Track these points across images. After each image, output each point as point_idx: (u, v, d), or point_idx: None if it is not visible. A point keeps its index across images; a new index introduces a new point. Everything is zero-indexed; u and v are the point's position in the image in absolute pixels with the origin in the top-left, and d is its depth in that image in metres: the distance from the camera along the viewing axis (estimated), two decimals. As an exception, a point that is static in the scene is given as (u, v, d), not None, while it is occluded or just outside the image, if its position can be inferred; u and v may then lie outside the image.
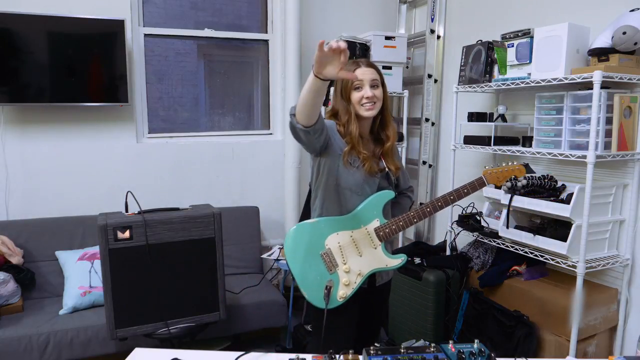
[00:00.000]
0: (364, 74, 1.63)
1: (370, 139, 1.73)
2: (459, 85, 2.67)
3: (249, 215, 3.14)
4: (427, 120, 3.31)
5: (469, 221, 2.60)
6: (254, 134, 3.41)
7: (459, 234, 2.69)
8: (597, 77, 1.88)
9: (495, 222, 2.48)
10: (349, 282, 1.61)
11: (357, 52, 2.99)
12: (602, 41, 1.99)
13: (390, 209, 1.75)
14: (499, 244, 2.40)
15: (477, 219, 2.58)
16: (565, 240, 2.04)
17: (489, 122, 2.59)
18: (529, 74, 2.22)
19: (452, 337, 2.54)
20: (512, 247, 2.32)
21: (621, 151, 2.01)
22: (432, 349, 1.08)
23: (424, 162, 3.34)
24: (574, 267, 2.02)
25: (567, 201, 2.06)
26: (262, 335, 2.73)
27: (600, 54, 2.00)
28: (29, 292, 2.56)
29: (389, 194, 1.67)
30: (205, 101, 3.33)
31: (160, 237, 2.10)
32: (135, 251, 2.06)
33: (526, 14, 2.58)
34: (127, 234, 2.04)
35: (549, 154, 2.16)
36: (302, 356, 1.14)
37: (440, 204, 1.64)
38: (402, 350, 1.07)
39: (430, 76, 3.26)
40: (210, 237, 2.20)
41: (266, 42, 3.37)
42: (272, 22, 3.34)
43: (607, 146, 1.99)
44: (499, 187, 1.60)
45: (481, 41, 2.55)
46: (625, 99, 1.98)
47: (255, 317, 2.61)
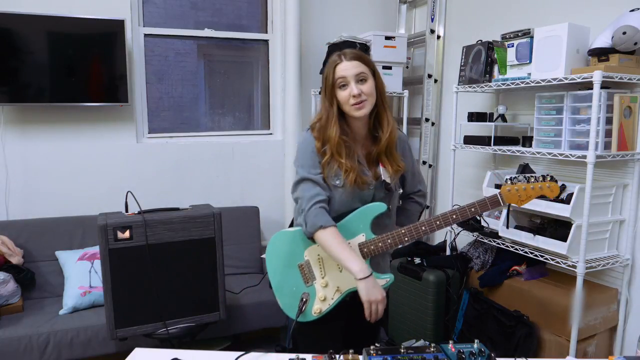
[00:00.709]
0: (347, 69, 1.43)
1: (368, 139, 1.55)
2: (459, 85, 2.67)
3: (249, 215, 3.14)
4: (427, 120, 3.31)
5: (469, 221, 2.60)
6: (254, 134, 3.41)
7: (459, 234, 2.69)
8: (597, 77, 1.88)
9: (495, 222, 2.48)
10: (325, 298, 1.49)
11: (357, 52, 2.99)
12: (602, 41, 1.99)
13: (386, 223, 1.57)
14: (499, 244, 2.40)
15: (477, 219, 2.58)
16: (565, 240, 2.04)
17: (489, 122, 2.59)
18: (529, 74, 2.22)
19: (452, 337, 2.54)
20: (512, 247, 2.32)
21: (621, 151, 2.01)
22: (432, 349, 1.08)
23: (424, 162, 3.34)
24: (574, 267, 2.02)
25: (567, 201, 2.06)
26: (262, 335, 2.73)
27: (600, 54, 2.00)
28: (29, 292, 2.56)
29: (378, 207, 1.49)
30: (205, 101, 3.33)
31: (160, 237, 2.10)
32: (135, 251, 2.06)
33: (526, 14, 2.58)
34: (127, 234, 2.04)
35: (549, 154, 2.16)
36: (302, 356, 1.14)
37: (438, 222, 1.45)
38: (402, 350, 1.07)
39: (430, 76, 3.26)
40: (210, 237, 2.20)
41: (266, 42, 3.37)
42: (272, 22, 3.34)
43: (607, 146, 1.99)
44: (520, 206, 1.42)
45: (481, 41, 2.55)
46: (625, 99, 1.98)
47: (255, 317, 2.61)
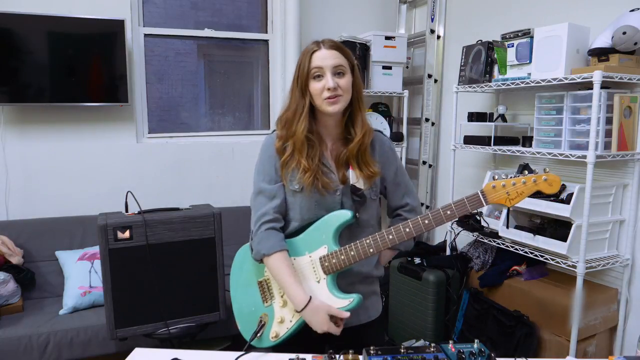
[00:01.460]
0: (324, 58, 1.27)
1: (340, 140, 1.38)
2: (459, 85, 2.67)
3: (249, 215, 3.12)
4: (427, 120, 3.31)
5: (469, 221, 2.60)
6: (254, 134, 3.41)
7: (459, 234, 2.69)
8: (597, 77, 1.88)
9: (495, 222, 2.48)
10: (282, 320, 1.31)
11: (357, 53, 2.99)
12: (602, 41, 1.99)
13: (357, 235, 1.32)
14: (499, 244, 2.40)
15: (477, 219, 2.58)
16: (565, 240, 2.04)
17: (489, 122, 2.59)
18: (529, 74, 2.22)
19: (452, 337, 2.54)
20: (512, 247, 2.32)
21: (621, 151, 2.01)
22: (432, 349, 1.08)
23: (424, 162, 3.34)
24: (574, 267, 2.02)
25: (567, 201, 2.06)
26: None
27: (600, 54, 2.00)
28: (29, 292, 2.55)
29: (342, 216, 1.29)
30: (205, 101, 3.33)
31: (160, 237, 2.10)
32: (135, 251, 2.06)
33: (526, 14, 2.58)
34: (127, 234, 2.04)
35: (549, 154, 2.16)
36: (302, 356, 1.14)
37: (408, 230, 1.23)
38: (402, 350, 1.07)
39: (430, 76, 3.26)
40: (210, 237, 2.20)
41: (266, 42, 3.37)
42: (272, 22, 3.34)
43: (607, 146, 1.99)
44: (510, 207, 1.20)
45: (481, 41, 2.55)
46: (625, 99, 1.98)
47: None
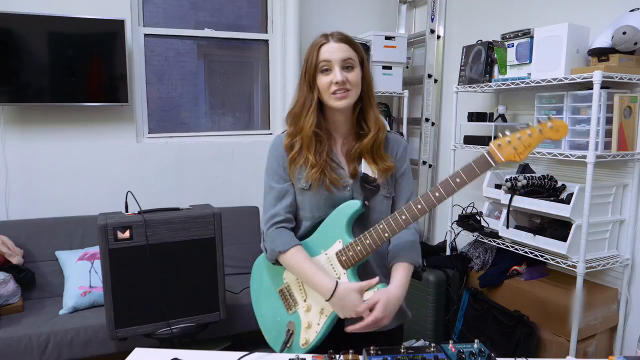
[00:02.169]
0: (333, 51, 1.24)
1: (351, 136, 1.34)
2: (459, 85, 2.67)
3: (249, 215, 3.14)
4: (427, 120, 3.31)
5: (469, 221, 2.60)
6: (254, 134, 3.41)
7: (459, 234, 2.69)
8: (597, 77, 1.88)
9: (495, 222, 2.48)
10: (310, 325, 1.28)
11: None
12: (602, 41, 1.99)
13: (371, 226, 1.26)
14: (499, 244, 2.40)
15: (477, 219, 2.58)
16: (565, 240, 2.04)
17: (489, 122, 2.59)
18: (529, 74, 2.22)
19: (452, 337, 2.54)
20: (512, 247, 2.32)
21: (621, 151, 2.01)
22: (432, 349, 1.08)
23: (424, 162, 3.34)
24: (574, 267, 2.02)
25: (567, 201, 2.06)
26: (262, 335, 2.72)
27: (600, 54, 2.00)
28: (29, 292, 2.55)
29: (351, 206, 1.26)
30: (205, 101, 3.33)
31: (160, 237, 2.10)
32: (135, 251, 2.06)
33: (526, 14, 2.58)
34: (127, 234, 2.04)
35: (549, 154, 2.15)
36: (302, 356, 1.14)
37: (420, 206, 1.18)
38: (402, 350, 1.07)
39: (430, 76, 3.26)
40: (210, 237, 2.20)
41: (266, 42, 3.36)
42: (272, 22, 3.34)
43: (607, 146, 1.99)
44: (519, 160, 1.14)
45: (481, 41, 2.55)
46: (625, 99, 1.98)
47: (255, 317, 2.60)
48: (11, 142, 2.73)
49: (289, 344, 1.30)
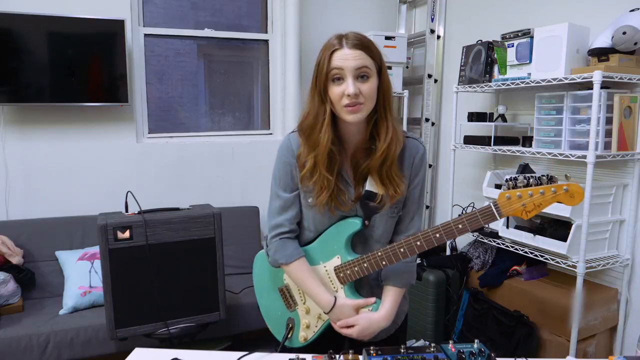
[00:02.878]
0: (346, 59, 1.11)
1: (361, 150, 1.24)
2: (459, 85, 2.67)
3: (249, 215, 3.14)
4: (427, 120, 3.31)
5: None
6: (254, 134, 3.41)
7: (459, 234, 2.68)
8: (597, 77, 1.88)
9: (495, 222, 2.47)
10: (308, 325, 1.34)
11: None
12: (602, 41, 1.99)
13: (371, 244, 1.29)
14: (499, 244, 2.40)
15: (477, 219, 2.58)
16: (565, 240, 2.04)
17: (489, 122, 2.59)
18: (529, 74, 2.22)
19: (452, 337, 2.55)
20: (512, 247, 2.32)
21: (621, 151, 2.01)
22: (432, 349, 1.08)
23: (424, 162, 3.34)
24: (574, 267, 2.02)
25: (567, 201, 2.06)
26: (262, 335, 2.71)
27: (600, 54, 2.00)
28: (29, 292, 2.55)
29: (351, 225, 1.25)
30: (205, 101, 3.33)
31: (160, 237, 2.10)
32: (135, 251, 2.06)
33: (526, 14, 2.58)
34: (127, 234, 2.04)
35: (549, 154, 2.16)
36: (302, 356, 1.14)
37: (419, 243, 1.17)
38: (402, 350, 1.07)
39: (430, 76, 3.26)
40: (210, 237, 2.20)
41: (266, 42, 3.36)
42: (272, 22, 3.34)
43: (607, 146, 1.99)
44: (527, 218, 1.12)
45: (481, 41, 2.55)
46: (625, 99, 1.98)
47: (255, 317, 2.59)
48: (11, 142, 2.73)
49: (290, 336, 1.37)
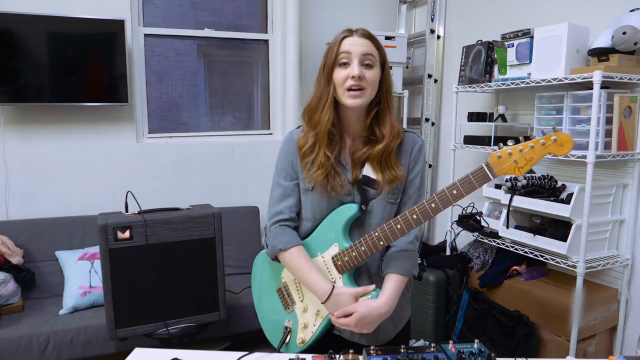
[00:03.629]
0: (354, 44, 1.19)
1: (360, 139, 1.28)
2: (459, 85, 2.67)
3: (249, 215, 3.14)
4: (427, 120, 3.31)
5: (469, 221, 2.60)
6: (254, 134, 3.41)
7: (459, 234, 2.69)
8: (597, 77, 1.88)
9: (495, 222, 2.48)
10: (306, 325, 1.30)
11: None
12: (602, 41, 1.99)
13: (368, 230, 1.25)
14: (499, 244, 2.40)
15: (477, 219, 2.58)
16: (565, 240, 2.04)
17: (489, 122, 2.59)
18: (529, 74, 2.22)
19: (452, 337, 2.54)
20: (512, 247, 2.32)
21: (621, 151, 2.01)
22: (432, 349, 1.08)
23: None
24: (574, 267, 2.02)
25: (567, 201, 2.06)
26: (262, 335, 2.72)
27: (600, 54, 2.00)
28: (29, 292, 2.55)
29: (348, 210, 1.25)
30: (205, 101, 3.33)
31: (160, 237, 2.10)
32: (135, 251, 2.06)
33: (526, 14, 2.58)
34: (127, 234, 2.04)
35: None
36: (302, 356, 1.14)
37: (415, 217, 1.15)
38: (402, 350, 1.07)
39: (430, 76, 3.26)
40: (210, 237, 2.20)
41: (266, 42, 3.36)
42: (272, 22, 3.34)
43: (607, 146, 1.99)
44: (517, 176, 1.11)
45: (481, 41, 2.55)
46: (625, 99, 1.98)
47: (255, 317, 2.59)
48: (11, 142, 2.73)
49: (287, 342, 1.33)
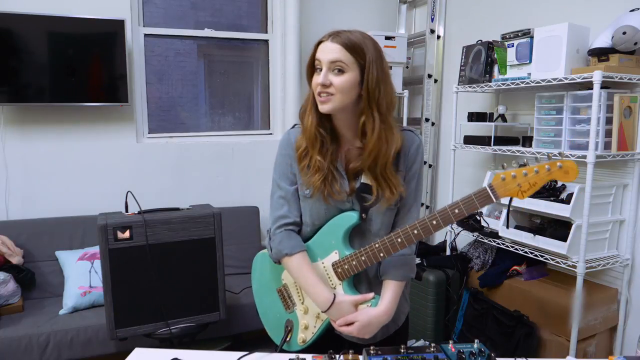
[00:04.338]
0: (324, 51, 1.16)
1: (356, 150, 1.25)
2: (459, 85, 2.67)
3: (249, 215, 3.14)
4: (427, 120, 3.31)
5: (469, 221, 2.60)
6: (254, 134, 3.41)
7: (459, 234, 2.69)
8: (597, 77, 1.88)
9: (495, 222, 2.48)
10: (307, 326, 1.32)
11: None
12: (602, 41, 1.99)
13: (368, 237, 1.27)
14: (499, 244, 2.40)
15: (477, 219, 2.58)
16: (565, 240, 2.04)
17: (489, 122, 2.59)
18: (529, 74, 2.22)
19: (452, 337, 2.54)
20: (512, 247, 2.32)
21: (621, 151, 2.01)
22: (432, 349, 1.08)
23: (424, 162, 3.34)
24: (574, 267, 2.02)
25: (567, 201, 2.06)
26: (262, 335, 2.72)
27: (600, 54, 2.00)
28: (29, 292, 2.55)
29: (348, 218, 1.24)
30: (205, 101, 3.33)
31: (160, 237, 2.10)
32: (135, 251, 2.06)
33: (526, 14, 2.58)
34: (127, 234, 2.04)
35: (550, 153, 2.15)
36: (302, 356, 1.14)
37: (416, 232, 1.16)
38: (402, 350, 1.07)
39: (430, 76, 3.26)
40: (210, 237, 2.20)
41: (266, 42, 3.36)
42: (272, 22, 3.34)
43: (607, 146, 1.99)
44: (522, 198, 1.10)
45: (481, 41, 2.55)
46: (625, 99, 1.98)
47: (255, 317, 2.56)
48: (11, 142, 2.73)
49: (288, 339, 1.35)
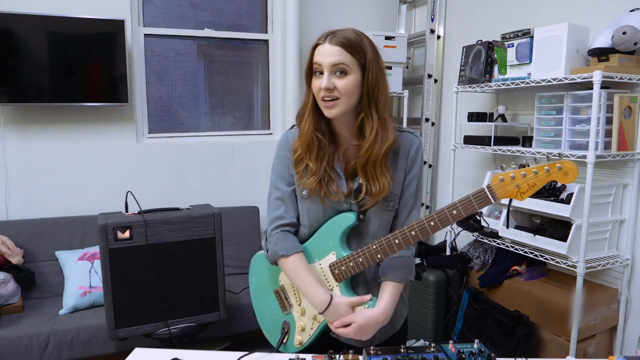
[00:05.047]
0: (324, 54, 1.14)
1: (354, 148, 1.25)
2: (459, 85, 2.67)
3: (249, 215, 3.14)
4: (427, 120, 3.31)
5: (469, 221, 2.60)
6: (254, 134, 3.41)
7: (459, 234, 2.69)
8: (597, 77, 1.88)
9: (495, 222, 2.48)
10: (304, 328, 1.31)
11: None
12: (602, 41, 1.99)
13: (365, 239, 1.27)
14: (499, 244, 2.40)
15: (477, 219, 2.58)
16: (565, 240, 2.04)
17: (489, 122, 2.59)
18: (529, 74, 2.22)
19: (452, 337, 2.54)
20: (512, 247, 2.32)
21: (621, 151, 2.01)
22: (432, 349, 1.08)
23: (424, 162, 3.33)
24: (574, 267, 2.02)
25: (567, 201, 2.06)
26: (262, 335, 2.72)
27: (600, 54, 2.00)
28: (29, 292, 2.55)
29: (345, 219, 1.24)
30: (205, 101, 3.33)
31: (160, 237, 2.10)
32: (135, 251, 2.06)
33: (526, 14, 2.58)
34: (127, 234, 2.04)
35: (549, 154, 2.14)
36: (302, 356, 1.14)
37: (414, 233, 1.15)
38: (402, 350, 1.07)
39: (430, 76, 3.26)
40: (210, 237, 2.20)
41: (266, 42, 3.36)
42: (272, 22, 3.34)
43: (607, 146, 1.99)
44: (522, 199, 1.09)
45: (481, 41, 2.55)
46: (625, 99, 1.98)
47: (255, 317, 2.60)
48: (11, 142, 2.73)
49: (285, 341, 1.34)
